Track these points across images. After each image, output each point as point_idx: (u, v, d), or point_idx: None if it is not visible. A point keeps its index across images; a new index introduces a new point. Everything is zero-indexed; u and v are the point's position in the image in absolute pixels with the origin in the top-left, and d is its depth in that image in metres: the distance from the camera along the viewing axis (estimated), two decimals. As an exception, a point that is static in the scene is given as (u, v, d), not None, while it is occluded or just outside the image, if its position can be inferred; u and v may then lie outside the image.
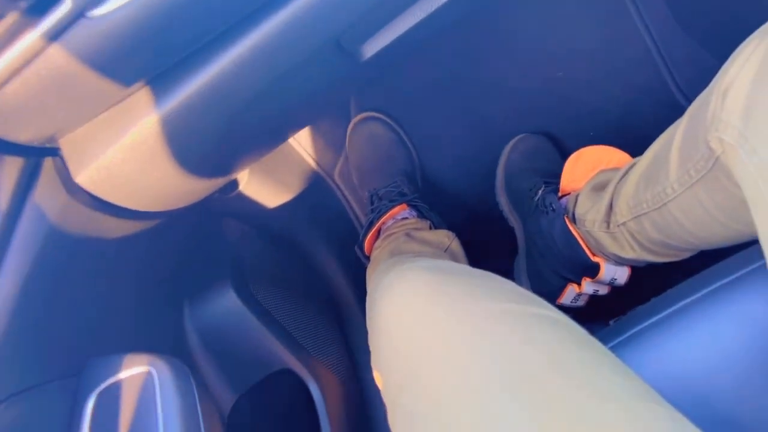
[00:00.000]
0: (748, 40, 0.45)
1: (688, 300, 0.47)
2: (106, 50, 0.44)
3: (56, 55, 0.43)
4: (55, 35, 0.42)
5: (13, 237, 0.47)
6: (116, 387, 0.47)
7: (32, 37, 0.42)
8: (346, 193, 1.05)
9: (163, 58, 0.47)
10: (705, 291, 0.47)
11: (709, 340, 0.45)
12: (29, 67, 0.44)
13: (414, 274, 0.50)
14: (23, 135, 0.49)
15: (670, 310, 0.48)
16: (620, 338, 0.48)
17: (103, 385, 0.47)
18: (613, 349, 0.48)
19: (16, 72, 0.43)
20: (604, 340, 0.46)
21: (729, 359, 0.44)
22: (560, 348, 0.39)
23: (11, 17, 0.42)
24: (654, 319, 0.48)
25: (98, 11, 0.42)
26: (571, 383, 0.35)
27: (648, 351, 0.47)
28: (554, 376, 0.36)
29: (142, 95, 0.49)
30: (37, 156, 0.51)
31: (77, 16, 0.42)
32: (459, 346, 0.40)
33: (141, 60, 0.46)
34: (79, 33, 0.43)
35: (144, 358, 0.48)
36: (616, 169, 0.73)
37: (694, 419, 0.34)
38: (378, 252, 0.82)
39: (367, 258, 0.87)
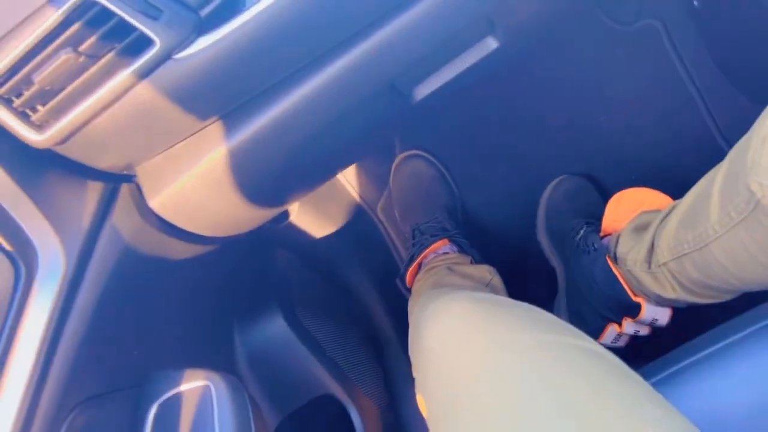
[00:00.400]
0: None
1: (731, 339, 0.48)
2: (186, 89, 0.48)
3: (143, 92, 0.48)
4: (143, 75, 0.47)
5: (93, 255, 0.51)
6: (176, 398, 0.50)
7: (124, 74, 0.47)
8: (388, 227, 1.08)
9: (235, 97, 0.52)
10: (749, 330, 0.48)
11: (752, 381, 0.46)
12: (117, 102, 0.49)
13: (459, 303, 0.51)
14: (105, 163, 0.54)
15: (712, 348, 0.48)
16: (662, 375, 0.49)
17: (164, 396, 0.50)
18: (654, 385, 0.49)
19: (106, 107, 0.49)
20: (645, 375, 0.46)
21: (771, 401, 0.44)
22: (603, 379, 0.40)
23: (107, 58, 0.47)
24: (696, 357, 0.48)
25: (183, 53, 0.47)
26: (615, 413, 0.36)
27: (690, 389, 0.47)
28: (598, 406, 0.36)
29: (213, 129, 0.54)
30: (116, 182, 0.56)
31: (165, 57, 0.47)
32: (503, 373, 0.41)
33: (216, 98, 0.51)
34: (164, 73, 0.48)
35: (202, 372, 0.51)
36: (657, 211, 0.74)
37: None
38: (420, 285, 0.84)
39: (408, 290, 0.90)
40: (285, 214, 0.85)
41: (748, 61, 0.83)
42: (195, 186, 0.54)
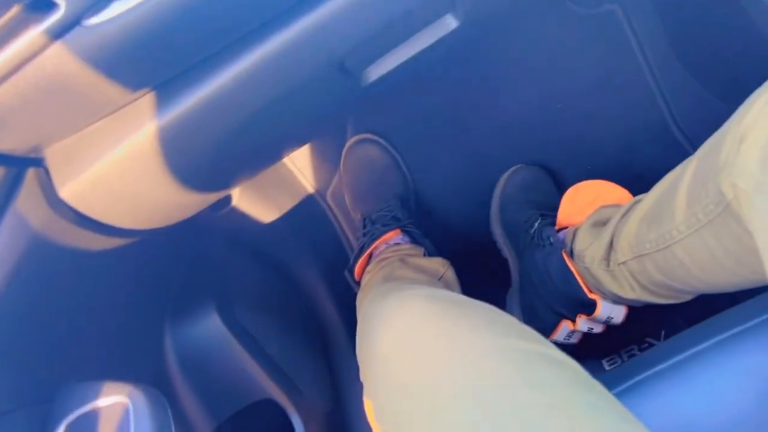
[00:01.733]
0: (764, 86, 0.44)
1: (694, 349, 0.46)
2: (100, 60, 0.42)
3: (48, 61, 0.41)
4: (47, 42, 0.40)
5: (-11, 251, 0.44)
6: (89, 416, 0.44)
7: (24, 41, 0.40)
8: (338, 215, 1.03)
9: (159, 71, 0.45)
10: (713, 341, 0.46)
11: (716, 393, 0.44)
12: (18, 72, 0.42)
13: (413, 302, 0.48)
14: (6, 143, 0.47)
15: (675, 359, 0.46)
16: (624, 385, 0.47)
17: (74, 414, 0.44)
18: (617, 395, 0.46)
19: (4, 77, 0.41)
20: (608, 384, 0.44)
21: (737, 414, 0.42)
22: (565, 391, 0.38)
23: (4, 19, 0.40)
24: (659, 368, 0.46)
25: (95, 19, 0.40)
26: (577, 427, 0.35)
27: (652, 400, 0.45)
28: (559, 420, 0.35)
29: (136, 107, 0.47)
30: (20, 166, 0.48)
31: (72, 23, 0.40)
32: (461, 383, 0.39)
33: (136, 72, 0.44)
34: (74, 40, 0.41)
35: (120, 387, 0.45)
36: (617, 206, 0.72)
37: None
38: (370, 277, 0.80)
39: (357, 283, 0.85)
40: (224, 201, 0.78)
41: (709, 53, 0.82)
42: (115, 172, 0.47)
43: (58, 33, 0.40)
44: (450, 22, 0.55)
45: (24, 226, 0.46)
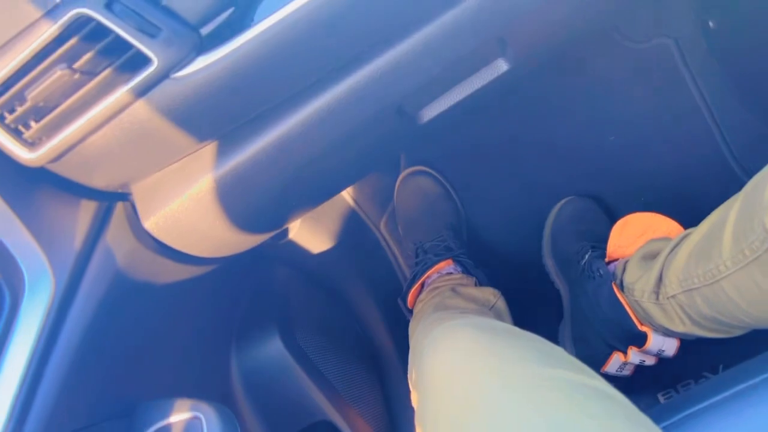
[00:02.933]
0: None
1: (746, 384, 0.46)
2: (184, 109, 0.47)
3: (139, 111, 0.47)
4: (140, 93, 0.46)
5: (84, 277, 0.49)
6: (166, 430, 0.48)
7: (120, 93, 0.45)
8: (392, 244, 1.06)
9: (235, 117, 0.50)
10: (765, 376, 0.46)
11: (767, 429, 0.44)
12: (113, 120, 0.47)
13: (463, 332, 0.50)
14: (100, 181, 0.53)
15: (726, 393, 0.46)
16: (673, 419, 0.47)
17: (153, 428, 0.48)
18: (665, 428, 0.47)
19: (101, 125, 0.47)
20: (655, 419, 0.44)
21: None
22: (611, 423, 0.38)
23: (103, 75, 0.45)
24: (709, 402, 0.46)
25: (182, 72, 0.46)
26: None
27: (702, 434, 0.45)
28: None
29: (211, 149, 0.52)
30: (111, 200, 0.54)
31: (163, 77, 0.45)
32: (505, 412, 0.39)
33: (214, 119, 0.49)
34: (162, 91, 0.46)
35: (195, 403, 0.49)
36: (666, 239, 0.72)
37: None
38: (422, 306, 0.82)
39: (410, 311, 0.88)
40: (286, 231, 0.83)
41: (764, 84, 0.81)
42: (190, 207, 0.52)
43: (150, 85, 0.46)
44: (501, 66, 0.58)
45: (114, 253, 0.51)
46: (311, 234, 0.90)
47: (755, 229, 0.48)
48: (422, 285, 0.89)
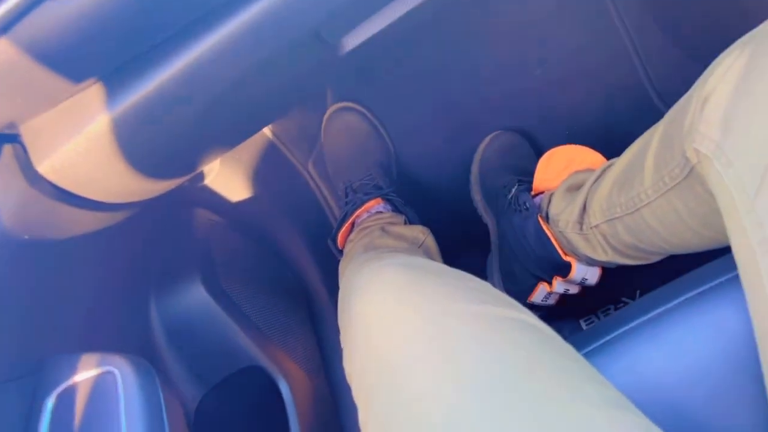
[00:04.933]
0: (728, 50, 0.45)
1: (661, 309, 0.48)
2: (72, 34, 0.41)
3: (19, 37, 0.41)
4: (19, 15, 0.40)
5: (-31, 228, 0.44)
6: (77, 387, 0.45)
7: (-8, 17, 0.39)
8: (320, 184, 1.03)
9: (132, 45, 0.45)
10: (679, 300, 0.47)
11: (683, 350, 0.46)
12: (-12, 49, 0.41)
13: (390, 272, 0.49)
14: (-20, 120, 0.47)
15: (643, 318, 0.48)
16: (594, 345, 0.49)
17: (63, 386, 0.45)
18: (586, 355, 0.48)
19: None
20: (578, 345, 0.46)
21: (703, 370, 0.45)
22: (534, 353, 0.39)
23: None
24: (627, 327, 0.48)
25: (64, -7, 0.40)
26: (546, 390, 0.35)
27: (621, 359, 0.47)
28: (530, 379, 0.36)
29: (109, 83, 0.47)
30: (-4, 142, 0.48)
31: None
32: (433, 349, 0.39)
33: (109, 45, 0.44)
34: (44, 14, 0.40)
35: (107, 357, 0.46)
36: (590, 171, 0.73)
37: (667, 429, 0.34)
38: (351, 246, 0.81)
39: (340, 252, 0.86)
40: (203, 174, 0.78)
41: (687, 16, 0.82)
42: (88, 148, 0.47)
43: (29, 6, 0.40)
44: (425, -10, 0.55)
45: (3, 200, 0.46)
46: (233, 175, 0.85)
47: (675, 157, 0.49)
48: (352, 225, 0.88)
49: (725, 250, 0.53)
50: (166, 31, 0.45)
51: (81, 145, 0.48)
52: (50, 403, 0.44)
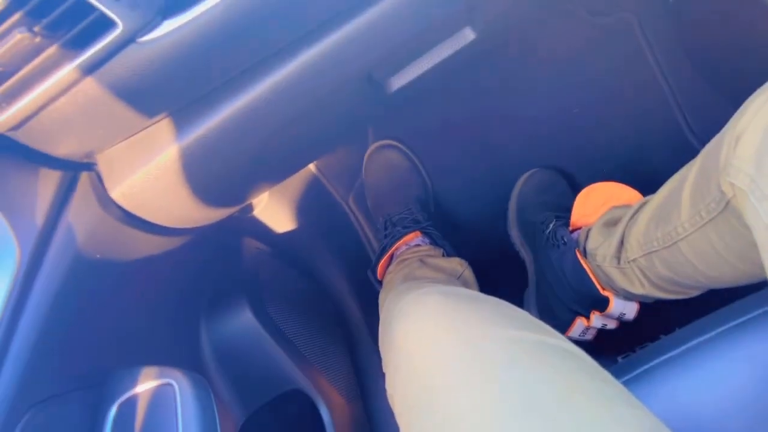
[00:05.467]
0: (760, 90, 0.47)
1: (699, 339, 0.48)
2: (150, 75, 0.46)
3: (104, 77, 0.46)
4: (105, 58, 0.45)
5: (50, 247, 0.48)
6: (138, 398, 0.48)
7: (84, 57, 0.44)
8: (360, 218, 1.06)
9: (202, 84, 0.49)
10: (717, 331, 0.48)
11: (720, 382, 0.46)
12: (77, 86, 0.46)
13: (430, 299, 0.51)
14: (64, 150, 0.51)
15: (681, 348, 0.49)
16: (631, 374, 0.49)
17: (124, 396, 0.48)
18: (625, 383, 0.49)
19: (64, 91, 0.46)
20: (615, 374, 0.46)
21: (739, 402, 0.45)
22: (573, 379, 0.40)
23: (65, 38, 0.44)
24: (665, 357, 0.49)
25: (148, 37, 0.45)
26: (584, 414, 0.36)
27: (659, 388, 0.48)
28: (566, 406, 0.37)
29: (178, 118, 0.52)
30: (75, 170, 0.53)
31: (128, 41, 0.44)
32: (474, 372, 0.41)
33: (181, 86, 0.48)
34: (127, 57, 0.45)
35: (166, 370, 0.49)
36: (627, 206, 0.75)
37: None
38: (391, 277, 0.83)
39: (380, 283, 0.89)
40: (252, 205, 0.82)
41: (722, 58, 0.84)
42: (156, 176, 0.52)
43: (115, 50, 0.45)
44: (468, 34, 0.59)
45: (79, 222, 0.51)
46: (279, 207, 0.89)
47: (711, 191, 0.50)
48: (391, 257, 0.91)
49: (763, 284, 0.54)
50: (233, 72, 0.50)
51: (151, 174, 0.52)
52: (113, 412, 0.48)
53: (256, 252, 0.83)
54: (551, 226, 0.87)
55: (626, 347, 0.93)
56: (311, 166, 1.00)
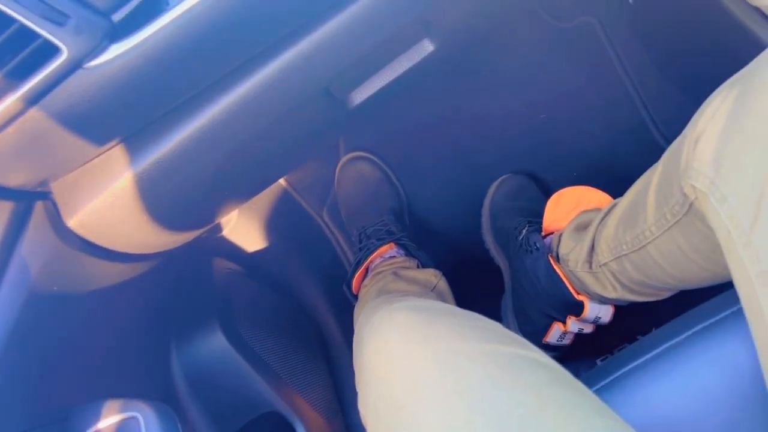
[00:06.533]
0: (717, 91, 0.47)
1: (670, 343, 0.48)
2: (100, 100, 0.45)
3: (52, 103, 0.44)
4: (51, 85, 0.43)
5: (3, 280, 0.47)
6: (102, 433, 0.47)
7: (29, 85, 0.43)
8: (335, 231, 1.06)
9: (155, 107, 0.48)
10: (687, 333, 0.48)
11: (691, 385, 0.46)
12: (25, 114, 0.45)
13: (401, 315, 0.50)
14: (16, 180, 0.50)
15: (652, 353, 0.49)
16: (605, 381, 0.49)
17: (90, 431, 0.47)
18: (597, 392, 0.49)
19: (12, 119, 0.44)
20: (589, 382, 0.46)
21: (712, 404, 0.45)
22: (545, 392, 0.40)
23: (8, 67, 0.43)
24: (637, 363, 0.49)
25: (94, 62, 0.44)
26: (557, 423, 0.36)
27: (633, 395, 0.47)
28: (537, 418, 0.37)
29: (132, 143, 0.51)
30: (29, 199, 0.51)
31: (75, 67, 0.43)
32: (445, 388, 0.40)
33: (133, 109, 0.47)
34: (75, 83, 0.44)
35: (130, 403, 0.47)
36: (597, 210, 0.75)
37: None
38: (366, 291, 0.83)
39: (355, 297, 0.88)
40: (222, 224, 0.81)
41: (684, 59, 0.85)
42: (114, 204, 0.50)
43: (61, 76, 0.43)
44: (427, 46, 0.58)
45: (36, 253, 0.49)
46: (250, 225, 0.88)
47: (675, 194, 0.51)
48: (366, 270, 0.90)
49: (732, 284, 0.54)
50: (185, 95, 0.49)
51: (107, 201, 0.51)
52: (76, 449, 0.46)
53: (227, 272, 0.82)
54: (524, 231, 0.87)
55: (605, 349, 0.93)
56: (281, 181, 0.99)
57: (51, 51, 0.42)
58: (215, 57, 0.47)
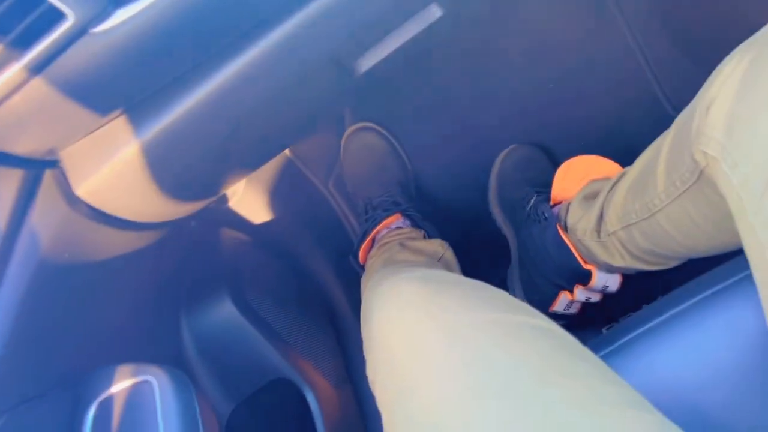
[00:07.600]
0: (730, 56, 0.46)
1: (678, 308, 0.48)
2: (107, 66, 0.45)
3: (59, 70, 0.44)
4: (57, 51, 0.43)
5: (14, 249, 0.47)
6: (116, 397, 0.47)
7: (35, 52, 0.43)
8: (341, 202, 1.06)
9: (161, 75, 0.48)
10: (694, 300, 0.48)
11: (699, 350, 0.46)
12: (31, 81, 0.45)
13: (407, 285, 0.51)
14: (24, 147, 0.50)
15: (660, 318, 0.49)
16: (611, 347, 0.49)
17: (103, 395, 0.48)
18: (604, 357, 0.49)
19: (18, 87, 0.44)
20: (595, 349, 0.46)
21: (720, 371, 0.45)
22: (551, 357, 0.40)
23: (15, 32, 0.43)
24: (644, 328, 0.49)
25: (102, 27, 0.43)
26: (562, 392, 0.36)
27: (639, 360, 0.48)
28: (544, 384, 0.37)
29: (139, 110, 0.50)
30: (37, 168, 0.52)
31: (81, 32, 0.43)
32: (452, 357, 0.41)
33: (141, 76, 0.47)
34: (81, 49, 0.44)
35: (143, 367, 0.48)
36: (606, 179, 0.75)
37: (684, 429, 0.35)
38: (372, 261, 0.83)
39: (362, 267, 0.88)
40: (228, 195, 0.81)
41: (696, 27, 0.83)
42: (122, 172, 0.50)
43: (67, 42, 0.43)
44: (435, 11, 0.57)
45: (46, 222, 0.49)
46: (257, 196, 0.88)
47: (685, 161, 0.50)
48: (373, 241, 0.90)
49: (741, 251, 0.54)
50: (191, 63, 0.48)
51: (115, 169, 0.51)
52: (91, 412, 0.47)
53: (235, 242, 0.82)
54: (532, 201, 0.87)
55: (610, 319, 0.94)
56: (287, 152, 0.99)
57: (56, 17, 0.42)
58: (221, 23, 0.46)
